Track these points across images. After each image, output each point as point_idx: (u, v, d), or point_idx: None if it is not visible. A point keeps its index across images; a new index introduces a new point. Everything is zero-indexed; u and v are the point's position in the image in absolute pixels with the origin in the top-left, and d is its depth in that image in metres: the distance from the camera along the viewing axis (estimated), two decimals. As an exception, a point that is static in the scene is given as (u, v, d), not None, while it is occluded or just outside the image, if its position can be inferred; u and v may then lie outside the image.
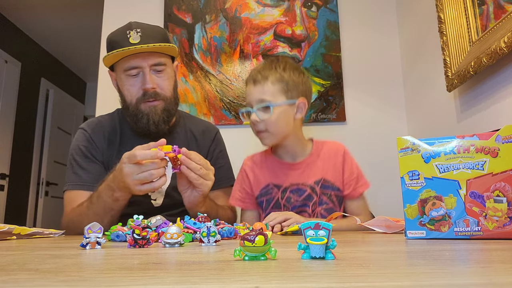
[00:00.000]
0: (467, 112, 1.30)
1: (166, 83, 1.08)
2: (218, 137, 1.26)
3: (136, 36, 1.02)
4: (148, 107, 1.06)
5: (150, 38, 1.03)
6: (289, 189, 1.12)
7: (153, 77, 1.06)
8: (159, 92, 1.06)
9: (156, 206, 1.10)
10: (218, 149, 1.24)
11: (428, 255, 0.41)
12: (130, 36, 1.02)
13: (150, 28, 1.07)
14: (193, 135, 1.21)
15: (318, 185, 1.11)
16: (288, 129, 1.09)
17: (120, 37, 1.04)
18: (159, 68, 1.06)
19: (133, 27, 1.04)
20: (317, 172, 1.12)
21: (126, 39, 1.02)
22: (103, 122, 1.17)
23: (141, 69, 1.05)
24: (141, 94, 1.05)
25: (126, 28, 1.05)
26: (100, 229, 0.54)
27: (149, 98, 1.05)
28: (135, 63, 1.04)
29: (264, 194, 1.15)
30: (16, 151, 3.57)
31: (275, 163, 1.17)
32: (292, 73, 1.09)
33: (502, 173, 0.60)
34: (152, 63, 1.05)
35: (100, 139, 1.12)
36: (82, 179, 1.06)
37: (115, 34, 1.08)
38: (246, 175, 1.18)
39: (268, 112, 1.05)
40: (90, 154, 1.09)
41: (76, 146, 1.12)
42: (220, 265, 0.35)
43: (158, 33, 1.07)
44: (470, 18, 1.22)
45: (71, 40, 3.94)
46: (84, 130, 1.14)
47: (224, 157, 1.25)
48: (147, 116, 1.06)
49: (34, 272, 0.31)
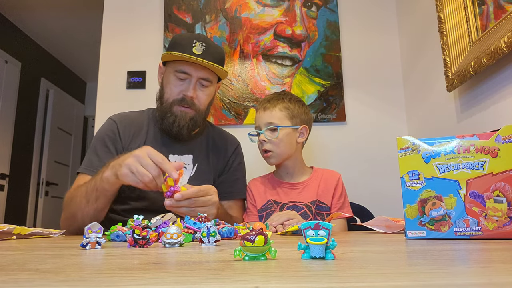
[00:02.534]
0: (467, 112, 1.30)
1: (205, 97, 1.15)
2: (238, 150, 1.31)
3: (200, 48, 1.10)
4: (180, 110, 1.13)
5: (210, 56, 1.11)
6: (287, 206, 1.22)
7: (197, 88, 1.13)
8: (195, 103, 1.14)
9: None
10: (237, 161, 1.28)
11: (428, 255, 0.41)
12: (195, 46, 1.10)
13: (213, 47, 1.15)
14: (215, 145, 1.26)
15: (314, 205, 1.22)
16: (291, 150, 1.24)
17: (186, 42, 1.11)
18: (205, 83, 1.14)
19: (201, 39, 1.12)
20: (314, 193, 1.24)
21: (190, 46, 1.10)
22: (133, 117, 1.22)
23: (190, 77, 1.12)
24: (180, 98, 1.13)
25: (194, 38, 1.12)
26: (100, 229, 0.54)
27: (184, 103, 1.12)
28: (188, 70, 1.11)
29: (265, 209, 1.24)
30: (16, 151, 3.57)
31: (276, 182, 1.30)
32: (296, 104, 1.26)
33: (502, 173, 0.60)
34: (201, 76, 1.12)
35: (126, 131, 1.17)
36: (93, 165, 1.09)
37: (182, 38, 1.14)
38: (250, 192, 1.29)
39: (275, 133, 1.21)
40: (110, 143, 1.14)
41: (100, 133, 1.17)
42: (220, 265, 0.35)
43: (218, 54, 1.15)
44: (470, 18, 1.22)
45: (71, 40, 3.94)
46: (112, 120, 1.19)
47: (241, 170, 1.30)
48: (175, 118, 1.13)
49: (34, 272, 0.31)
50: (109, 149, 1.13)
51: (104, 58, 1.91)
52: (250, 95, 1.82)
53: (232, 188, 1.22)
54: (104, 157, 1.10)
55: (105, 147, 1.13)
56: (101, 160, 1.10)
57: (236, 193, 1.25)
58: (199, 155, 1.20)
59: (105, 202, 0.97)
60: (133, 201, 1.11)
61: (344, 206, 1.24)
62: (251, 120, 1.77)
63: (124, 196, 1.11)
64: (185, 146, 1.19)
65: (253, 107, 1.80)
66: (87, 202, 0.96)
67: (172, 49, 1.12)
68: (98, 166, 1.07)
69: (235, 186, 1.24)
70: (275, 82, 1.83)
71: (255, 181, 1.33)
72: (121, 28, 1.92)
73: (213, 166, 1.21)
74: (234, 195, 1.23)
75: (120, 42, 1.90)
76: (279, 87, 1.82)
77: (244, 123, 1.80)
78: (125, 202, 1.12)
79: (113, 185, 0.93)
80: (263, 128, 1.23)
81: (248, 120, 1.79)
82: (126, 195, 1.10)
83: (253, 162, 1.69)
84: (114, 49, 1.90)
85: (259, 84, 1.83)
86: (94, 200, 0.95)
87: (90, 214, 0.96)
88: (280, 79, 1.83)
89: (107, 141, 1.14)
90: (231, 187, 1.22)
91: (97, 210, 0.97)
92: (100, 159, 1.10)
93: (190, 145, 1.20)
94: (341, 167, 1.71)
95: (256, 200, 1.26)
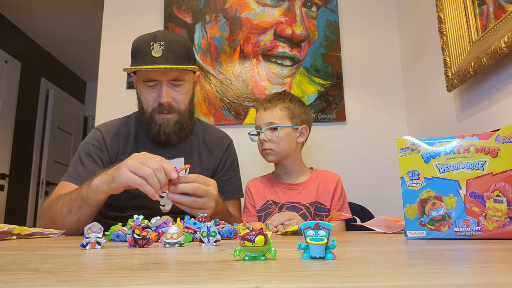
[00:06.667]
0: (467, 112, 1.30)
1: (182, 97, 1.10)
2: (230, 148, 1.27)
3: (159, 50, 1.04)
4: (161, 118, 1.09)
5: (172, 53, 1.04)
6: (286, 206, 1.22)
7: (170, 90, 1.08)
8: (174, 106, 1.09)
9: (165, 212, 1.12)
10: (230, 160, 1.25)
11: (428, 255, 0.41)
12: (153, 49, 1.04)
13: (174, 41, 1.07)
14: (206, 145, 1.23)
15: (313, 207, 1.22)
16: (290, 149, 1.24)
17: (144, 47, 1.05)
18: (177, 83, 1.08)
19: (158, 39, 1.05)
20: (313, 194, 1.23)
21: (148, 50, 1.04)
22: (119, 126, 1.18)
23: (159, 82, 1.07)
24: (157, 105, 1.08)
25: (150, 39, 1.06)
26: (100, 229, 0.54)
27: (163, 110, 1.08)
28: (154, 76, 1.06)
29: (264, 209, 1.24)
30: (16, 151, 3.57)
31: (275, 182, 1.30)
32: (297, 104, 1.26)
33: (502, 173, 0.60)
34: (171, 78, 1.07)
35: (113, 141, 1.13)
36: (79, 174, 1.06)
37: (139, 41, 1.08)
38: (250, 192, 1.29)
39: (275, 132, 1.21)
40: (95, 153, 1.10)
41: (85, 143, 1.14)
42: (220, 265, 0.35)
43: (181, 47, 1.07)
44: (470, 18, 1.22)
45: (71, 40, 3.94)
46: (98, 130, 1.16)
47: (234, 168, 1.27)
48: (159, 127, 1.09)
49: (34, 272, 0.31)
50: (94, 159, 1.09)
51: (104, 58, 1.91)
52: (250, 95, 1.82)
53: (226, 188, 1.19)
54: (89, 167, 1.07)
55: (89, 157, 1.10)
56: (86, 169, 1.07)
57: (231, 192, 1.22)
58: (190, 157, 1.17)
59: (88, 213, 0.91)
60: (130, 210, 1.09)
61: (343, 208, 1.23)
62: (251, 120, 1.77)
63: (121, 206, 1.09)
64: (176, 149, 1.16)
65: (253, 107, 1.80)
66: (69, 212, 0.91)
67: (133, 57, 1.08)
68: (83, 175, 1.05)
69: (229, 185, 1.21)
70: (275, 82, 1.83)
71: (254, 181, 1.33)
72: (121, 28, 1.92)
73: (206, 166, 1.19)
74: (229, 195, 1.20)
75: (120, 42, 1.90)
76: (279, 87, 1.82)
77: (244, 123, 1.80)
78: (122, 211, 1.11)
79: (101, 194, 0.88)
80: (264, 127, 1.23)
81: (248, 120, 1.79)
82: (122, 204, 1.09)
83: (252, 163, 1.69)
84: (114, 49, 1.90)
85: (259, 84, 1.83)
86: (77, 210, 0.91)
87: (72, 224, 0.92)
88: (280, 79, 1.83)
89: (91, 150, 1.10)
90: (225, 187, 1.19)
91: (79, 220, 0.91)
92: (85, 168, 1.07)
93: (180, 147, 1.17)
94: (341, 167, 1.72)
95: (255, 200, 1.26)
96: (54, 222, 0.94)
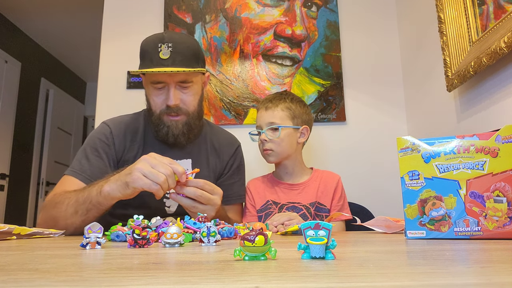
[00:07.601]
0: (467, 112, 1.30)
1: (190, 98, 1.09)
2: (238, 152, 1.26)
3: (167, 51, 1.03)
4: (170, 120, 1.08)
5: (180, 55, 1.04)
6: (286, 207, 1.22)
7: (178, 92, 1.07)
8: (182, 108, 1.08)
9: (169, 213, 1.11)
10: (236, 164, 1.24)
11: (428, 255, 0.41)
12: (161, 51, 1.03)
13: (182, 43, 1.06)
14: (214, 147, 1.22)
15: (313, 207, 1.21)
16: (291, 150, 1.24)
17: (151, 48, 1.05)
18: (185, 85, 1.07)
19: (165, 40, 1.04)
20: (313, 195, 1.23)
21: (156, 52, 1.03)
22: (128, 122, 1.17)
23: (167, 84, 1.06)
24: (165, 107, 1.07)
25: (158, 40, 1.05)
26: (100, 229, 0.54)
27: (171, 112, 1.07)
28: (162, 78, 1.05)
29: (264, 209, 1.24)
30: (16, 151, 3.57)
31: (275, 182, 1.29)
32: (298, 104, 1.26)
33: (502, 173, 0.60)
34: (178, 80, 1.06)
35: (121, 137, 1.12)
36: (83, 168, 1.05)
37: (147, 43, 1.07)
38: (250, 192, 1.28)
39: (277, 133, 1.21)
40: (101, 148, 1.09)
41: (92, 137, 1.12)
42: (220, 265, 0.35)
43: (188, 49, 1.07)
44: (470, 18, 1.22)
45: (71, 40, 3.94)
46: (106, 125, 1.14)
47: (239, 173, 1.26)
48: (168, 128, 1.08)
49: (34, 272, 0.31)
50: (99, 154, 1.08)
51: (104, 58, 1.91)
52: (250, 95, 1.82)
53: (229, 192, 1.18)
54: (94, 162, 1.06)
55: (95, 151, 1.08)
56: (90, 164, 1.06)
57: (234, 197, 1.21)
58: (198, 159, 1.16)
59: (96, 215, 0.92)
60: (134, 208, 1.07)
61: (343, 208, 1.23)
62: (251, 120, 1.77)
63: (125, 203, 1.10)
64: (183, 150, 1.15)
65: (253, 107, 1.80)
66: (75, 213, 0.91)
67: (141, 59, 1.07)
68: (87, 170, 1.04)
69: (232, 190, 1.20)
70: (275, 82, 1.83)
71: (254, 181, 1.32)
72: (121, 28, 1.92)
73: (212, 169, 1.18)
74: (231, 199, 1.19)
75: (120, 42, 1.90)
76: (279, 87, 1.82)
77: (244, 123, 1.80)
78: (125, 208, 1.10)
79: (113, 200, 0.89)
80: (265, 127, 1.22)
81: (248, 120, 1.79)
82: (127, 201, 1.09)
83: (253, 162, 1.69)
84: (114, 49, 1.90)
85: (259, 84, 1.83)
86: (85, 212, 0.90)
87: (76, 225, 0.92)
88: (280, 79, 1.83)
89: (98, 145, 1.09)
90: (228, 191, 1.17)
91: (84, 222, 0.89)
92: (90, 163, 1.06)
93: (188, 149, 1.16)
94: (341, 167, 1.72)
95: (255, 200, 1.26)
96: (57, 221, 0.94)
